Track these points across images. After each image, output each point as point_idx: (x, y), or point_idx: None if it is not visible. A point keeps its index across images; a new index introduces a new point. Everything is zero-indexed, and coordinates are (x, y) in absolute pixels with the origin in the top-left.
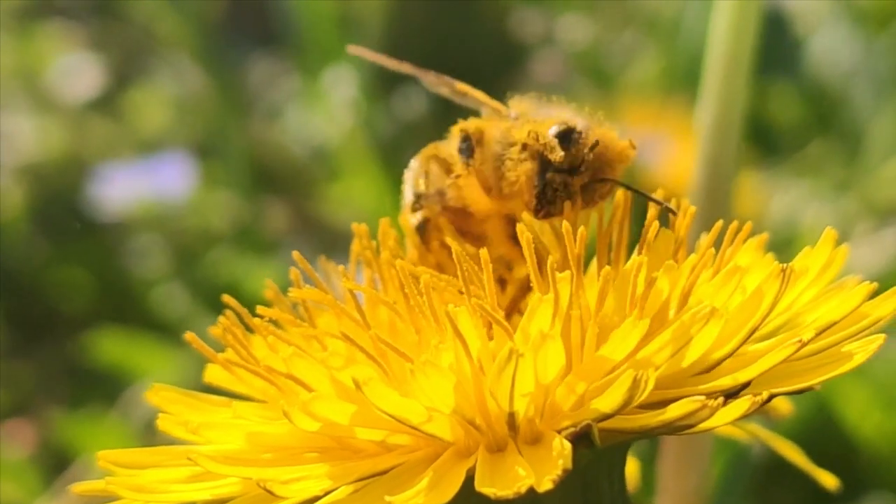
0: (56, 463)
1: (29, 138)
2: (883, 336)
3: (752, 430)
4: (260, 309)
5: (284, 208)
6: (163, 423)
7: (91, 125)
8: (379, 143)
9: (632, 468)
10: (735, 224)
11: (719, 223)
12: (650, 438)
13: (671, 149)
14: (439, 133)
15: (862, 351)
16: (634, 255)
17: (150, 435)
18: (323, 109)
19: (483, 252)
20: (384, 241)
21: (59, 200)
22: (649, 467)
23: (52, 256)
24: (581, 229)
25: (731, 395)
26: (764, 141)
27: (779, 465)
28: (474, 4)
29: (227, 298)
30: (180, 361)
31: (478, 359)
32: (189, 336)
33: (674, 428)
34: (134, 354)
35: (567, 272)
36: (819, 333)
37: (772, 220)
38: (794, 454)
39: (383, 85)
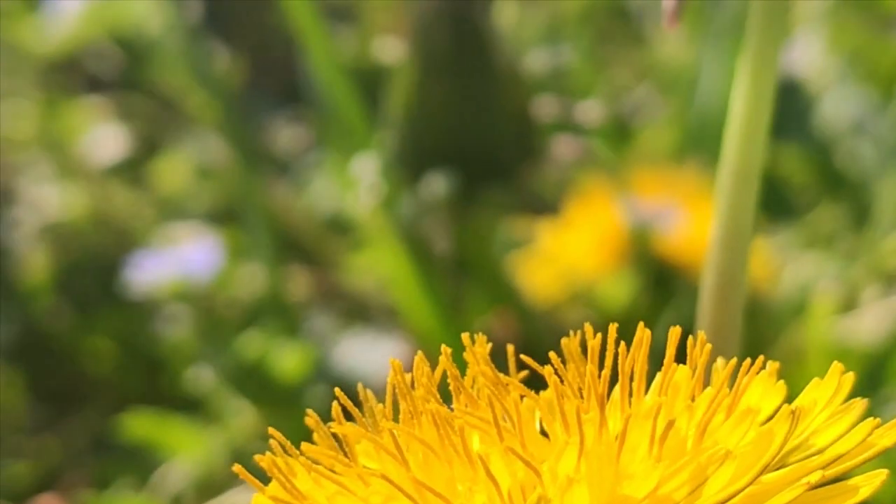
0: None
1: (54, 204)
2: (885, 472)
3: None
4: (304, 447)
5: (307, 277)
6: None
7: (115, 191)
8: (400, 222)
9: None
10: (748, 361)
11: (734, 360)
12: None
13: (685, 217)
14: (457, 215)
15: (867, 485)
16: (654, 396)
17: None
18: (347, 186)
19: (514, 394)
20: (418, 378)
21: (84, 267)
22: None
23: (79, 323)
24: (605, 373)
25: None
26: (774, 202)
27: None
28: (496, 91)
29: (272, 431)
30: (208, 440)
31: (508, 493)
32: (237, 469)
33: None
34: (163, 432)
35: (593, 413)
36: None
37: (783, 287)
38: None
39: (406, 169)
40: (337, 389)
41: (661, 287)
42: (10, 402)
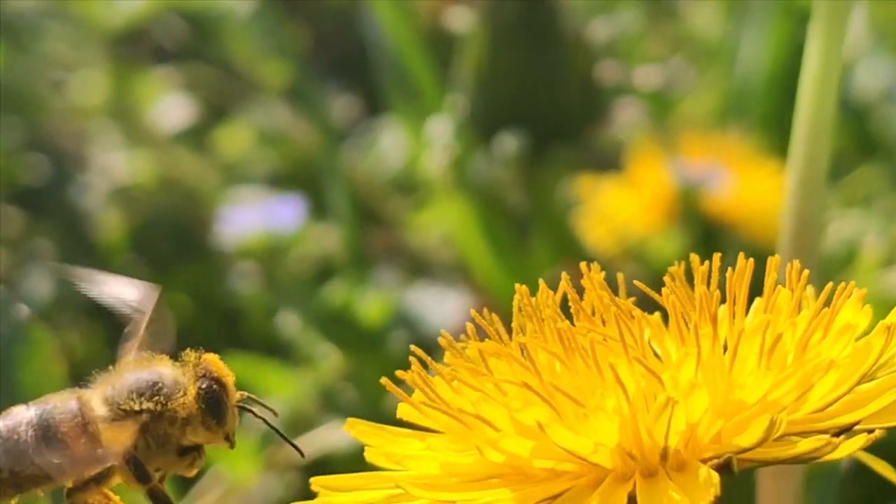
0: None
1: (124, 170)
2: None
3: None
4: (447, 360)
5: (371, 236)
6: (369, 455)
7: (182, 156)
8: (472, 180)
9: None
10: (843, 284)
11: (829, 284)
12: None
13: (730, 178)
14: (526, 173)
15: None
16: (760, 314)
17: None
18: (418, 147)
19: (637, 311)
20: (543, 301)
21: (156, 227)
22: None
23: (155, 280)
24: (717, 293)
25: (845, 430)
26: None
27: None
28: (562, 56)
29: (414, 348)
30: (297, 381)
31: (634, 398)
32: (385, 382)
33: (801, 460)
34: (254, 374)
35: (707, 329)
36: None
37: (828, 243)
38: (883, 468)
39: (478, 130)
40: (473, 312)
41: (709, 244)
42: (92, 354)
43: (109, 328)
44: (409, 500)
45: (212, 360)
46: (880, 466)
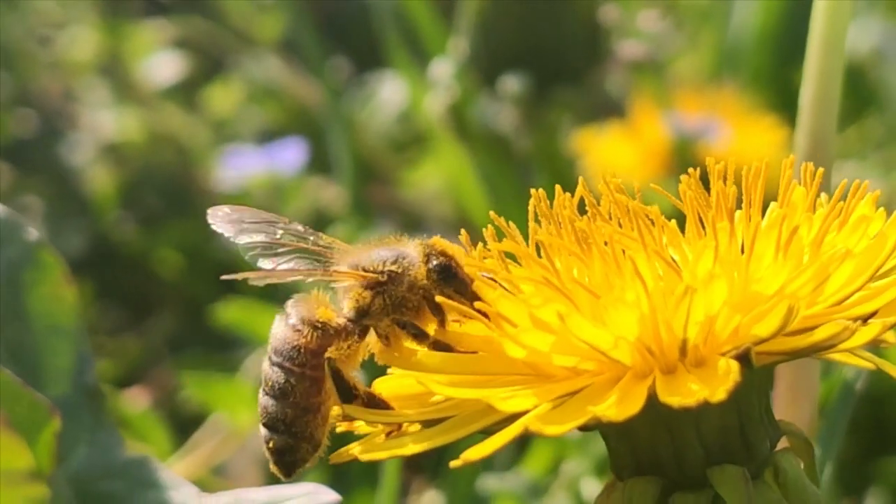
0: (178, 424)
1: (113, 127)
2: None
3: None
4: (468, 260)
5: (373, 190)
6: (381, 358)
7: (174, 112)
8: (476, 122)
9: None
10: (857, 182)
11: (844, 181)
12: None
13: (726, 131)
14: (530, 114)
15: None
16: (777, 208)
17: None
18: (419, 93)
19: (653, 212)
20: (561, 204)
21: (146, 183)
22: None
23: (146, 235)
24: (732, 190)
25: (863, 320)
26: None
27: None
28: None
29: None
30: None
31: (652, 294)
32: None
33: (819, 348)
34: (255, 319)
35: (724, 223)
36: None
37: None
38: None
39: (481, 73)
40: (493, 214)
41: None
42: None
43: (98, 283)
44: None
45: (440, 241)
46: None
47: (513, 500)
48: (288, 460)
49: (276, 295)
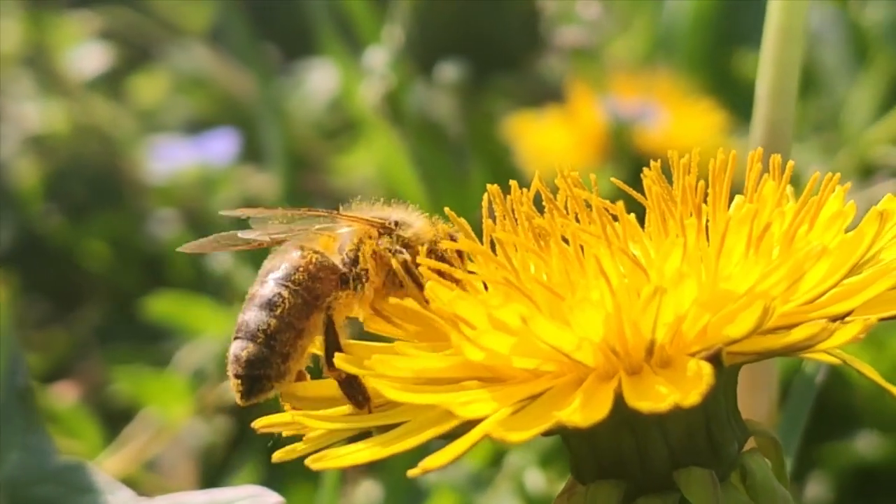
0: (107, 419)
1: (38, 118)
2: None
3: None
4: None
5: (302, 178)
6: (339, 361)
7: (100, 104)
8: (408, 113)
9: None
10: (828, 175)
11: (816, 173)
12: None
13: (662, 115)
14: (467, 102)
15: None
16: (747, 203)
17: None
18: (352, 81)
19: (620, 206)
20: (517, 200)
21: (72, 175)
22: None
23: (72, 227)
24: (701, 184)
25: (838, 319)
26: (741, 105)
27: None
28: None
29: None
30: (230, 319)
31: (618, 293)
32: None
33: (795, 349)
34: (186, 312)
35: (693, 219)
36: None
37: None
38: (870, 371)
39: (416, 60)
40: (448, 210)
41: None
42: (7, 300)
43: (24, 276)
44: (388, 409)
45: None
46: (864, 368)
47: (454, 493)
48: (254, 374)
49: (206, 287)
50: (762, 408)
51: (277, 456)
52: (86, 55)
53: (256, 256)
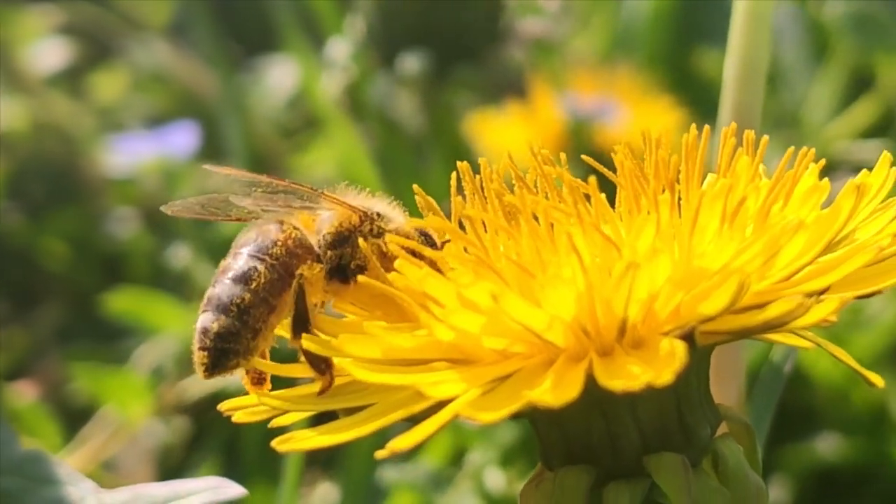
0: (66, 417)
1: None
2: None
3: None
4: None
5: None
6: (306, 342)
7: (59, 100)
8: (373, 103)
9: None
10: (804, 150)
11: (791, 148)
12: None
13: (623, 113)
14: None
15: None
16: (721, 179)
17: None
18: (313, 75)
19: (592, 182)
20: (486, 177)
21: (31, 173)
22: None
23: (32, 225)
24: (674, 158)
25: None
26: (702, 100)
27: None
28: None
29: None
30: (191, 316)
31: (589, 271)
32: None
33: (770, 327)
34: (146, 309)
35: (667, 195)
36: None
37: None
38: (845, 356)
39: (377, 52)
40: (416, 187)
41: (602, 177)
42: None
43: None
44: (353, 389)
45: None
46: (838, 352)
47: (413, 492)
48: (223, 347)
49: (165, 284)
50: (730, 398)
51: (239, 417)
52: (45, 51)
53: (216, 252)
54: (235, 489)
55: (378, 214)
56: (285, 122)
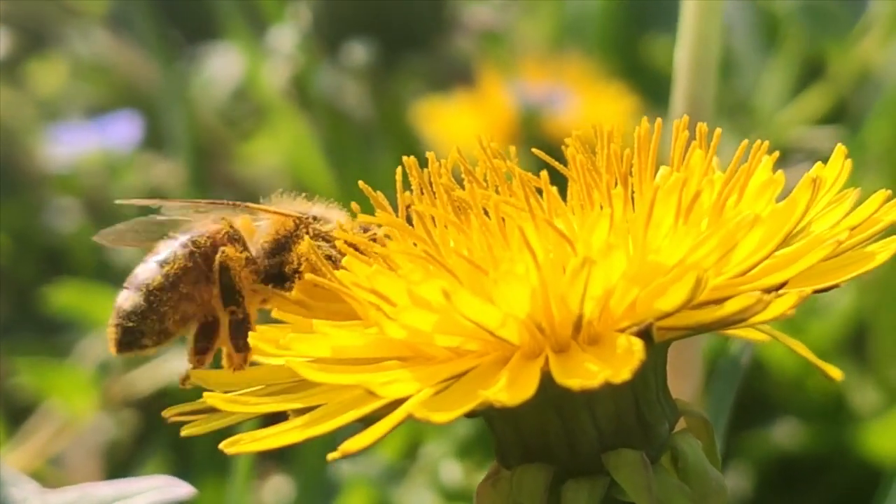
0: (9, 412)
1: None
2: None
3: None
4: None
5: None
6: (253, 340)
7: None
8: (315, 95)
9: None
10: (758, 143)
11: (745, 141)
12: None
13: (572, 101)
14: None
15: (884, 250)
16: (675, 172)
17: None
18: (256, 64)
19: (544, 176)
20: (435, 172)
21: None
22: None
23: None
24: (626, 152)
25: (771, 292)
26: (652, 89)
27: None
28: None
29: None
30: None
31: (543, 267)
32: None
33: (728, 323)
34: (88, 305)
35: (620, 189)
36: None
37: None
38: (802, 349)
39: (323, 41)
40: (362, 184)
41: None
42: None
43: None
44: (303, 388)
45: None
46: (796, 345)
47: (367, 486)
48: (128, 325)
49: (108, 276)
50: (687, 392)
51: (187, 431)
52: None
53: None
54: (184, 488)
55: (314, 217)
56: (229, 111)
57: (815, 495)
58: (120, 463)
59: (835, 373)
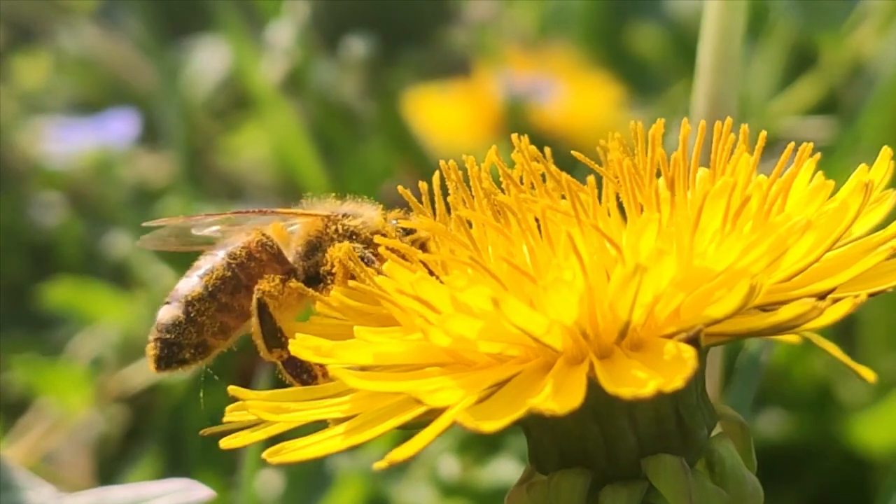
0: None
1: None
2: None
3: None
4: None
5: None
6: (294, 348)
7: None
8: (312, 89)
9: None
10: (804, 145)
11: (791, 144)
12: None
13: (558, 92)
14: (374, 77)
15: None
16: (721, 176)
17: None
18: (250, 58)
19: (591, 181)
20: (475, 176)
21: None
22: None
23: None
24: (675, 155)
25: (821, 297)
26: (636, 79)
27: None
28: None
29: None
30: (130, 305)
31: (590, 273)
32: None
33: (780, 329)
34: (85, 299)
35: (667, 193)
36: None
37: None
38: (836, 351)
39: (321, 35)
40: (401, 188)
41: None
42: None
43: None
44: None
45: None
46: (830, 347)
47: (362, 480)
48: (165, 338)
49: (98, 272)
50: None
51: (232, 442)
52: None
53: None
54: (202, 492)
55: (343, 214)
56: (215, 102)
57: (801, 486)
58: (111, 458)
59: (868, 375)
